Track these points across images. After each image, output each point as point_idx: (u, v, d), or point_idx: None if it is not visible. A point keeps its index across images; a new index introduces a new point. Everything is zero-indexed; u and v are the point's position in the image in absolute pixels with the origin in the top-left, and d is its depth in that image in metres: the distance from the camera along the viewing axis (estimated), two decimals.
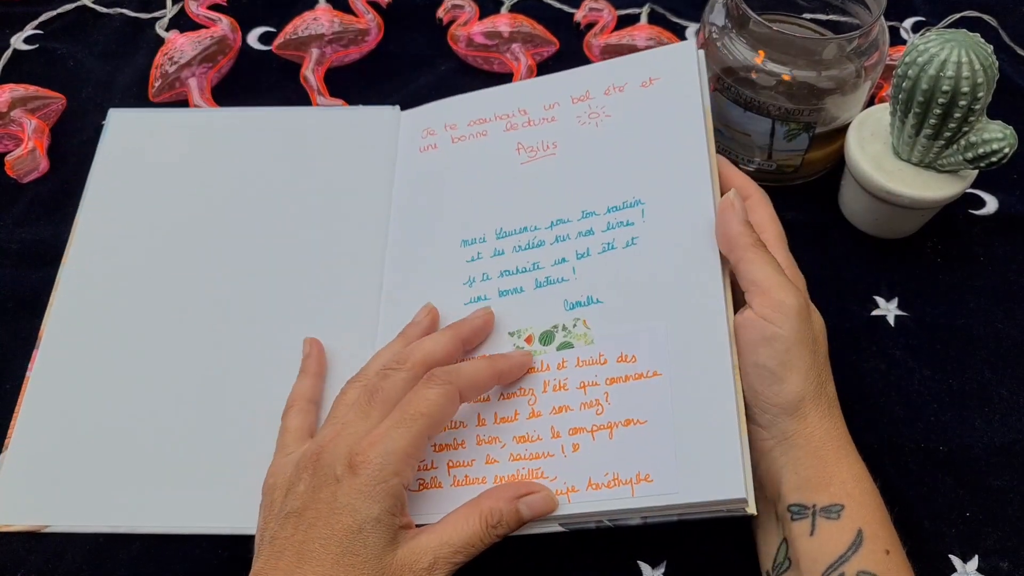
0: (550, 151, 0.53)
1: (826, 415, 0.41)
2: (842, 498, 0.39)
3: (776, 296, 0.41)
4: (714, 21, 0.56)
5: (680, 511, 0.41)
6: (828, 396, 0.42)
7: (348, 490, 0.37)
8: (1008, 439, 0.49)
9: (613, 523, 0.42)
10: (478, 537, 0.38)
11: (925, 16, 0.70)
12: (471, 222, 0.51)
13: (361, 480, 0.37)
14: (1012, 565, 0.45)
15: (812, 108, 0.53)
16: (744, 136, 0.56)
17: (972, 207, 0.59)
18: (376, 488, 0.37)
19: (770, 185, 0.59)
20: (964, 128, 0.49)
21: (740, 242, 0.43)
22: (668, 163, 0.49)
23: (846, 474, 0.40)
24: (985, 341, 0.53)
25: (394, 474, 0.37)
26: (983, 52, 0.47)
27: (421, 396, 0.39)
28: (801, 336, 0.41)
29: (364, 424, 0.39)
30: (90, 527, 0.45)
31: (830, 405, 0.42)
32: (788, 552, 0.40)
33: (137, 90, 0.65)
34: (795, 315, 0.41)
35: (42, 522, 0.44)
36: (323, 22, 0.64)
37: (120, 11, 0.69)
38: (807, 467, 0.40)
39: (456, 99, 0.57)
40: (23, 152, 0.58)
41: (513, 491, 0.40)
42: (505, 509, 0.39)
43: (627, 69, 0.54)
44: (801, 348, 0.41)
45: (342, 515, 0.36)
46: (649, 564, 0.45)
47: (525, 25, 0.65)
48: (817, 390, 0.41)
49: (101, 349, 0.50)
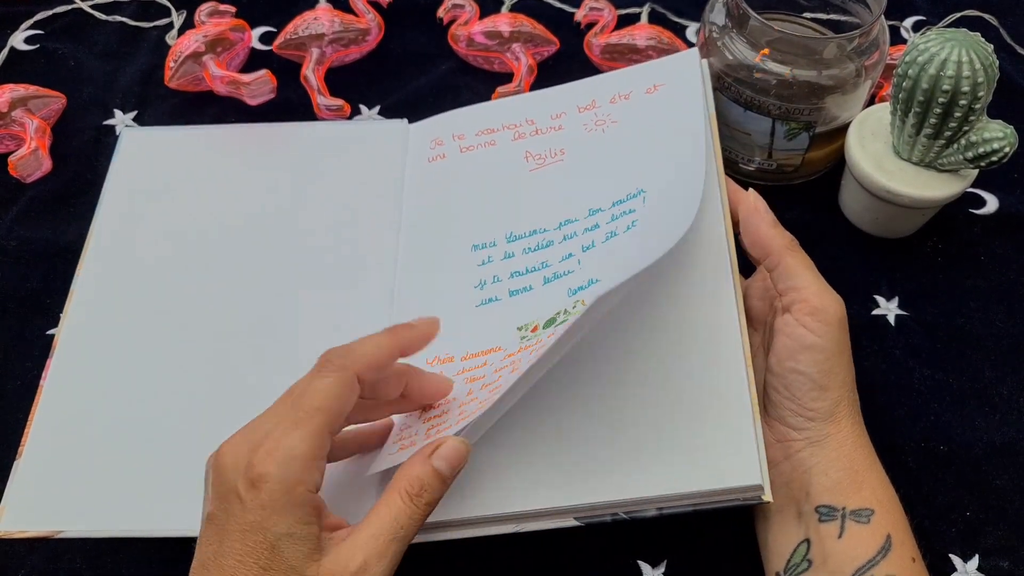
0: (558, 158, 0.53)
1: (857, 421, 0.42)
2: (873, 503, 0.40)
3: (817, 303, 0.41)
4: (714, 20, 0.56)
5: (696, 500, 0.40)
6: (856, 401, 0.42)
7: (253, 507, 0.33)
8: (1009, 438, 0.49)
9: (629, 516, 0.41)
10: (406, 515, 0.35)
11: (925, 15, 0.70)
12: (481, 227, 0.52)
13: (264, 496, 0.33)
14: (1013, 564, 0.45)
15: (812, 107, 0.53)
16: (744, 135, 0.56)
17: (972, 206, 0.59)
18: (281, 501, 0.33)
19: (770, 184, 0.59)
20: (964, 127, 0.49)
21: (775, 245, 0.43)
22: (673, 157, 0.49)
23: (876, 480, 0.41)
24: (985, 340, 0.53)
25: (298, 483, 0.34)
26: (983, 51, 0.47)
27: (314, 388, 0.36)
28: (842, 346, 0.41)
29: (269, 423, 0.36)
30: (103, 532, 0.44)
31: (859, 411, 0.42)
32: (809, 553, 0.40)
33: (139, 89, 0.65)
34: (837, 324, 0.41)
35: (55, 528, 0.45)
36: (323, 22, 0.64)
37: (120, 19, 0.69)
38: (839, 470, 0.40)
39: (464, 110, 0.57)
40: (26, 152, 0.58)
41: (422, 454, 0.36)
42: (421, 472, 0.36)
43: (632, 77, 0.55)
44: (841, 357, 0.41)
45: (253, 533, 0.33)
46: (649, 564, 0.45)
47: (525, 25, 0.65)
48: (852, 395, 0.42)
49: (115, 358, 0.50)
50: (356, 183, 0.56)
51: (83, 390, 0.49)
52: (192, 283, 0.53)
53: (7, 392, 0.51)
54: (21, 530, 0.44)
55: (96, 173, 0.59)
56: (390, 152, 0.57)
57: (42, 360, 0.49)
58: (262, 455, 0.34)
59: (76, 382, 0.49)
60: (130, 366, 0.50)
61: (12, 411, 0.50)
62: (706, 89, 0.51)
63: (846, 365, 0.42)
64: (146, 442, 0.47)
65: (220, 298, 0.52)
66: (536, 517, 0.42)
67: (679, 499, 0.40)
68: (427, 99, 0.64)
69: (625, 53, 0.64)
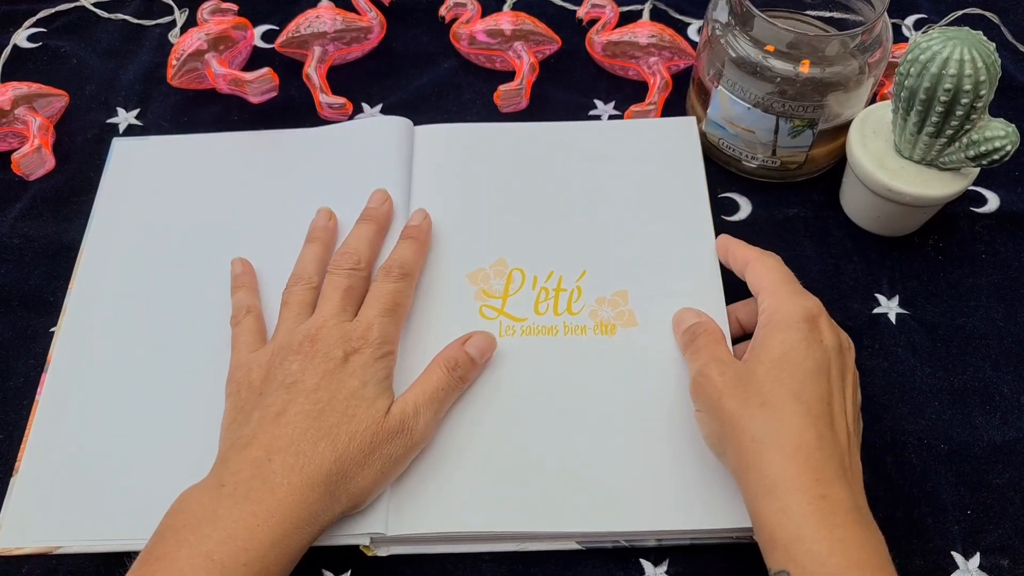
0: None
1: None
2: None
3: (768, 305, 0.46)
4: (717, 18, 0.56)
5: (692, 535, 0.44)
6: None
7: (353, 365, 0.44)
8: (1009, 437, 0.49)
9: (629, 543, 0.45)
10: (444, 381, 0.46)
11: (927, 13, 0.70)
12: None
13: (365, 356, 0.45)
14: (1014, 562, 0.45)
15: (815, 104, 0.53)
16: (748, 133, 0.56)
17: (974, 205, 0.59)
18: (377, 361, 0.45)
19: (773, 182, 0.59)
20: (966, 126, 0.49)
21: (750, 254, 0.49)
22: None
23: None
24: (987, 339, 0.53)
25: (389, 353, 0.46)
26: (985, 50, 0.47)
27: (392, 289, 0.48)
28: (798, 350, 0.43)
29: (345, 316, 0.46)
30: (102, 547, 0.44)
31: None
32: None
33: (141, 87, 0.65)
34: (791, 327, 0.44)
35: (54, 543, 0.44)
36: (325, 20, 0.64)
37: (122, 17, 0.69)
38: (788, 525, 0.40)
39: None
40: (29, 150, 0.59)
41: (459, 341, 0.48)
42: (457, 355, 0.47)
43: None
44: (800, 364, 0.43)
45: (348, 379, 0.43)
46: (652, 562, 0.45)
47: (527, 23, 0.65)
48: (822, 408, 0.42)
49: (109, 371, 0.50)
50: (358, 183, 0.56)
51: (78, 404, 0.48)
52: (186, 295, 0.53)
53: (10, 390, 0.51)
54: (19, 547, 0.44)
55: (99, 171, 0.59)
56: (398, 146, 0.57)
57: (44, 358, 0.49)
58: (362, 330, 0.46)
59: (71, 396, 0.49)
60: (125, 378, 0.49)
61: (14, 408, 0.50)
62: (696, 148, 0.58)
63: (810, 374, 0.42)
64: (143, 455, 0.47)
65: (215, 309, 0.51)
66: (539, 538, 0.45)
67: (677, 534, 0.44)
68: (429, 97, 0.65)
69: (627, 51, 0.64)
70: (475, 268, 0.53)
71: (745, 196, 0.59)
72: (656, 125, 0.60)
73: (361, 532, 0.43)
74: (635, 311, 0.51)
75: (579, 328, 0.50)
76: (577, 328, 0.50)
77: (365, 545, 0.44)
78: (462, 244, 0.54)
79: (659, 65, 0.64)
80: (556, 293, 0.51)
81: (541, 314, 0.51)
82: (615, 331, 0.50)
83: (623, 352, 0.49)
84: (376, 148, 0.58)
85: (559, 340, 0.50)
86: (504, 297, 0.51)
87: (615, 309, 0.51)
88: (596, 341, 0.50)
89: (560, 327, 0.50)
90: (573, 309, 0.51)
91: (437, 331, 0.50)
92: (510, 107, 0.64)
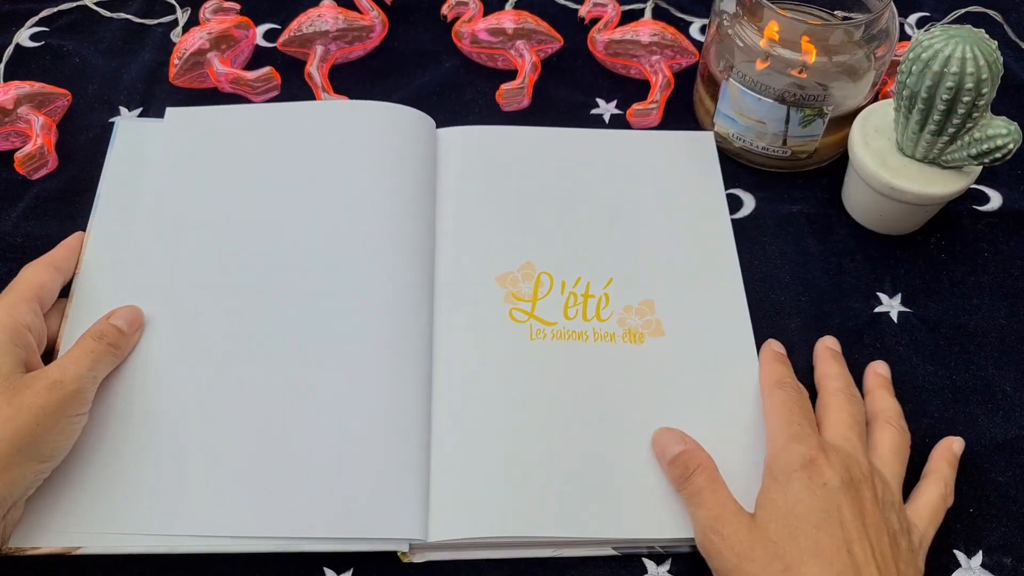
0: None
1: None
2: None
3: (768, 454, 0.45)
4: (725, 9, 0.56)
5: None
6: None
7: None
8: (1012, 435, 0.49)
9: (665, 550, 0.45)
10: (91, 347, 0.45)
11: (930, 11, 0.70)
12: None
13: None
14: (1016, 561, 0.45)
15: (822, 93, 0.53)
16: (759, 124, 0.56)
17: (976, 203, 0.59)
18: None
19: (782, 171, 0.59)
20: (968, 124, 0.49)
21: (764, 381, 0.49)
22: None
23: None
24: (989, 337, 0.53)
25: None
26: (988, 48, 0.47)
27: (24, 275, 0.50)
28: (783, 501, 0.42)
29: None
30: (121, 549, 0.43)
31: None
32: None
33: (144, 86, 0.65)
34: (776, 477, 0.43)
35: (73, 544, 0.43)
36: (327, 19, 0.64)
37: (125, 16, 0.69)
38: None
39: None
40: (32, 149, 0.59)
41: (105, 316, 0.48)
42: (103, 327, 0.47)
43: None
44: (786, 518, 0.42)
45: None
46: (654, 561, 0.45)
47: (529, 22, 0.65)
48: None
49: (124, 365, 0.48)
50: (374, 170, 0.55)
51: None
52: (202, 282, 0.51)
53: None
54: (36, 546, 0.42)
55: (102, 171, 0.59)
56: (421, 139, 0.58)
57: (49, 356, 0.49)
58: None
59: None
60: (138, 372, 0.48)
61: None
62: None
63: (821, 526, 0.40)
64: (160, 453, 0.45)
65: (230, 293, 0.50)
66: (575, 544, 0.44)
67: None
68: (431, 96, 0.65)
69: (629, 49, 0.64)
70: (504, 271, 0.52)
71: (749, 192, 0.59)
72: (677, 138, 0.61)
73: (400, 537, 0.43)
74: (662, 321, 0.51)
75: (608, 335, 0.50)
76: (607, 335, 0.50)
77: (403, 552, 0.44)
78: (490, 247, 0.54)
79: (661, 64, 0.64)
80: (584, 299, 0.52)
81: (571, 319, 0.51)
82: (643, 339, 0.50)
83: (652, 361, 0.49)
84: (402, 137, 0.57)
85: (589, 346, 0.50)
86: (533, 300, 0.51)
87: (643, 318, 0.51)
88: (625, 349, 0.50)
89: (590, 333, 0.50)
90: (602, 316, 0.51)
91: (467, 334, 0.50)
92: (512, 106, 0.64)
